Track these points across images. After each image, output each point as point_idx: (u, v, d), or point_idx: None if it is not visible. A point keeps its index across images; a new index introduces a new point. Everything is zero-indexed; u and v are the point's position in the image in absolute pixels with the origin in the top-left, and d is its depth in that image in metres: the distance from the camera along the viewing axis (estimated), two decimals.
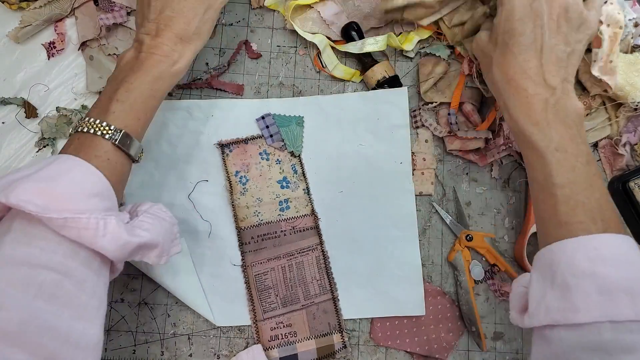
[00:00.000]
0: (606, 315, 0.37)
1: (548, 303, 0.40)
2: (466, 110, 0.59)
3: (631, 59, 0.57)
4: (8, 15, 0.61)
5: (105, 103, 0.45)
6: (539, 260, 0.43)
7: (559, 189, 0.42)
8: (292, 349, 0.55)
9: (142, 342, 0.56)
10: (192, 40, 0.49)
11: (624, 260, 0.39)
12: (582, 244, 0.40)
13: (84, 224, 0.38)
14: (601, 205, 0.42)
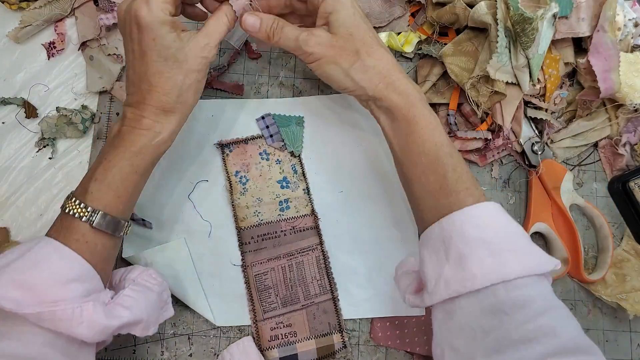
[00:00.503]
0: (499, 275, 0.39)
1: (447, 277, 0.41)
2: (465, 110, 0.59)
3: (631, 59, 0.57)
4: (8, 15, 0.61)
5: (86, 181, 0.45)
6: (428, 239, 0.44)
7: (449, 158, 0.44)
8: (292, 349, 0.55)
9: (142, 342, 0.56)
10: (176, 109, 0.46)
11: (503, 224, 0.42)
12: (467, 215, 0.42)
13: (59, 315, 0.38)
14: (470, 172, 0.45)
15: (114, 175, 0.44)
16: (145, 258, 0.55)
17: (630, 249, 0.59)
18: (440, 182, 0.44)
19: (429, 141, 0.45)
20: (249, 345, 0.54)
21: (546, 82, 0.59)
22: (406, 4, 0.62)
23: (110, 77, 0.60)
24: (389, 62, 0.47)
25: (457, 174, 0.44)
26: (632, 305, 0.56)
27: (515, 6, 0.52)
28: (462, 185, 0.43)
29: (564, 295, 0.58)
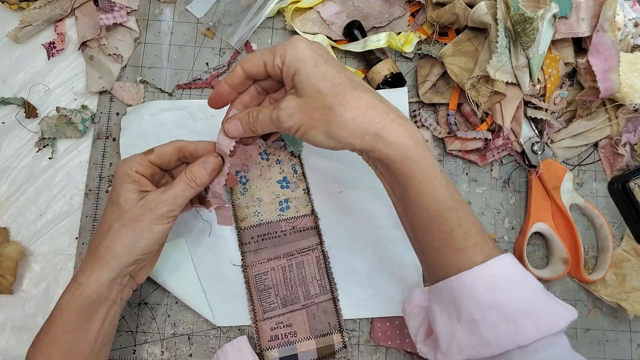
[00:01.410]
0: (514, 342, 0.37)
1: (459, 341, 0.39)
2: (465, 111, 0.59)
3: (631, 59, 0.57)
4: (8, 15, 0.61)
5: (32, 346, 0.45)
6: (438, 294, 0.42)
7: (454, 212, 0.40)
8: (292, 349, 0.55)
9: (142, 342, 0.56)
10: (105, 259, 0.44)
11: (516, 281, 0.39)
12: (478, 275, 0.39)
13: None
14: (480, 223, 0.42)
15: (42, 337, 0.44)
16: None
17: (630, 249, 0.59)
18: (446, 240, 0.40)
19: (428, 195, 0.40)
20: (243, 344, 0.54)
21: (546, 82, 0.59)
22: (406, 4, 0.62)
23: (110, 77, 0.60)
24: (370, 107, 0.40)
25: (463, 229, 0.40)
26: (632, 305, 0.56)
27: (516, 6, 0.52)
28: (470, 242, 0.40)
29: (564, 295, 0.58)
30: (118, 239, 0.44)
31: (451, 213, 0.40)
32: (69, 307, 0.44)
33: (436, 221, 0.40)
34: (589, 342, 0.58)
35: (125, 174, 0.46)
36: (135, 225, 0.44)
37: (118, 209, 0.45)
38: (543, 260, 0.60)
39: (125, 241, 0.44)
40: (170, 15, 0.62)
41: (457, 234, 0.40)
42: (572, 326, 0.58)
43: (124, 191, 0.45)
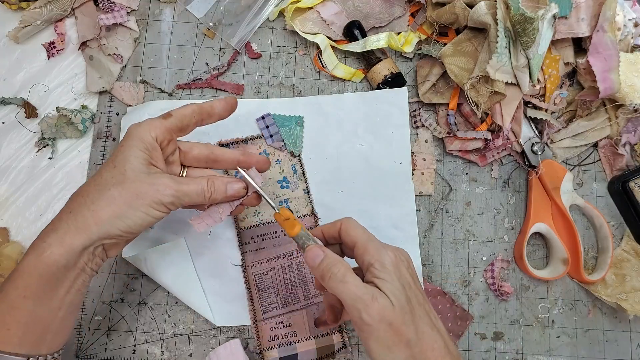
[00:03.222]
0: None
1: None
2: (465, 111, 0.59)
3: (631, 59, 0.57)
4: (8, 15, 0.61)
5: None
6: None
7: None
8: (292, 349, 0.55)
9: (142, 342, 0.56)
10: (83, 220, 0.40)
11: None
12: None
13: None
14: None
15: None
16: (145, 258, 0.55)
17: (630, 249, 0.59)
18: None
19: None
20: (236, 347, 0.54)
21: (546, 82, 0.59)
22: (406, 4, 0.62)
23: (110, 77, 0.60)
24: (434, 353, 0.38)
25: None
26: (632, 306, 0.56)
27: (516, 6, 0.52)
28: None
29: (564, 295, 0.58)
30: (109, 205, 0.40)
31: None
32: (32, 271, 0.38)
33: None
34: (589, 342, 0.58)
35: (140, 139, 0.41)
36: (135, 200, 0.40)
37: (120, 174, 0.40)
38: (543, 260, 0.60)
39: (116, 211, 0.40)
40: (170, 15, 0.62)
41: None
42: (572, 326, 0.58)
43: (134, 158, 0.41)
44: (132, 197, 0.40)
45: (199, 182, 0.43)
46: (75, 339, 0.56)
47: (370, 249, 0.41)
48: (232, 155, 0.48)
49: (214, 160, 0.47)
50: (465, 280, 0.59)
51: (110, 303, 0.57)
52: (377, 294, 0.38)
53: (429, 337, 0.39)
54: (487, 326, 0.58)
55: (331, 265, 0.40)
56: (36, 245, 0.39)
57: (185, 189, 0.42)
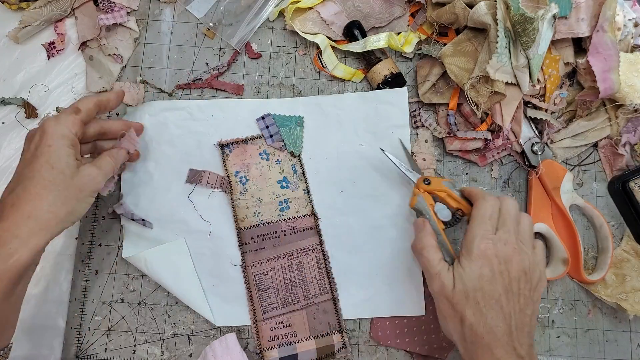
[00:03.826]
0: None
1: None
2: (465, 111, 0.59)
3: (631, 59, 0.57)
4: (8, 16, 0.61)
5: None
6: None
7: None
8: (292, 349, 0.55)
9: (142, 342, 0.56)
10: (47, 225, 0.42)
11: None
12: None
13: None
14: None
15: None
16: (145, 258, 0.55)
17: (630, 249, 0.59)
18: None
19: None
20: (232, 342, 0.54)
21: (546, 82, 0.59)
22: (406, 4, 0.62)
23: (110, 77, 0.60)
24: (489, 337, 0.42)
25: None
26: (632, 306, 0.56)
27: (516, 6, 0.52)
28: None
29: (564, 295, 0.58)
30: (65, 205, 0.44)
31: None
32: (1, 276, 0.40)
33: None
34: (589, 342, 0.58)
35: (64, 136, 0.45)
36: (79, 194, 0.45)
37: (62, 174, 0.44)
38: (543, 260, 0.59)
39: (69, 208, 0.44)
40: (170, 15, 0.62)
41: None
42: (572, 326, 0.58)
43: (66, 157, 0.44)
44: (77, 192, 0.45)
45: (108, 161, 0.49)
46: (75, 339, 0.56)
47: (471, 231, 0.46)
48: (115, 125, 0.53)
49: (104, 133, 0.52)
50: None
51: (110, 303, 0.57)
52: (444, 273, 0.46)
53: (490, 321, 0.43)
54: None
55: (422, 237, 0.49)
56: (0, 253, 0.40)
57: (105, 171, 0.48)
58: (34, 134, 0.46)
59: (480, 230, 0.46)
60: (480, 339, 0.43)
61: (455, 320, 0.45)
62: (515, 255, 0.45)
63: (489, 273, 0.44)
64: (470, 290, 0.44)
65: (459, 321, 0.44)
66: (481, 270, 0.44)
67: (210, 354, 0.54)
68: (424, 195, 0.53)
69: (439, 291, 0.45)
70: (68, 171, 0.44)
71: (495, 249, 0.45)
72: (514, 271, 0.45)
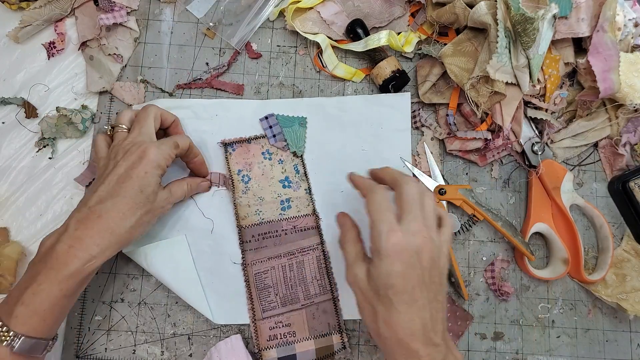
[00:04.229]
0: None
1: None
2: (465, 110, 0.59)
3: (631, 59, 0.58)
4: (8, 15, 0.61)
5: (12, 302, 0.44)
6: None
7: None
8: (290, 349, 0.55)
9: (142, 342, 0.56)
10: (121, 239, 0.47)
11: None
12: None
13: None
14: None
15: (43, 300, 0.44)
16: (146, 253, 0.54)
17: (631, 249, 0.59)
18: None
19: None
20: (237, 343, 0.54)
21: (546, 82, 0.59)
22: (406, 4, 0.62)
23: (110, 77, 0.60)
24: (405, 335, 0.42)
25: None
26: (632, 306, 0.56)
27: (516, 6, 0.52)
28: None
29: (564, 295, 0.58)
30: (140, 226, 0.48)
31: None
32: (76, 277, 0.45)
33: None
34: (589, 342, 0.58)
35: (159, 166, 0.49)
36: (152, 218, 0.50)
37: (145, 199, 0.48)
38: (543, 260, 0.60)
39: (141, 229, 0.49)
40: (170, 15, 0.62)
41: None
42: (572, 326, 0.58)
43: (154, 184, 0.49)
44: (152, 216, 0.50)
45: (183, 188, 0.54)
46: (75, 339, 0.56)
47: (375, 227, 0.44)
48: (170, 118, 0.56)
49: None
50: (466, 280, 0.59)
51: (110, 303, 0.57)
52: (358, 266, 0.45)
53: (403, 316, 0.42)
54: (487, 326, 0.58)
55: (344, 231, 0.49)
56: (80, 257, 0.45)
57: (175, 197, 0.53)
58: (131, 150, 0.48)
59: (384, 224, 0.43)
60: (395, 333, 0.42)
61: (370, 313, 0.44)
62: (425, 245, 0.43)
63: (400, 268, 0.42)
64: (381, 287, 0.42)
65: (373, 315, 0.43)
66: (392, 267, 0.42)
67: (215, 355, 0.54)
68: (438, 205, 0.55)
69: (353, 283, 0.45)
70: (152, 197, 0.49)
71: (405, 241, 0.42)
72: (425, 261, 0.43)
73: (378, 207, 0.44)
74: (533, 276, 0.57)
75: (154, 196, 0.49)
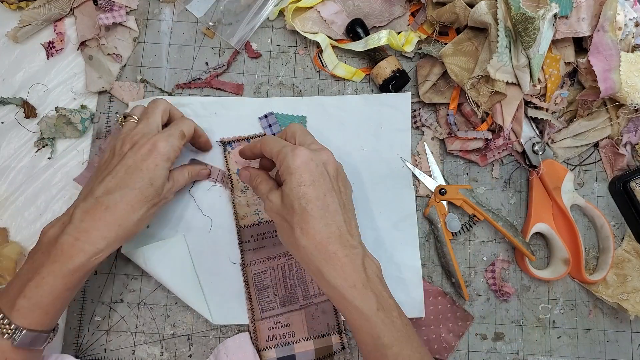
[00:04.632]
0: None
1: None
2: (465, 110, 0.59)
3: (632, 58, 0.57)
4: (7, 15, 0.61)
5: (14, 293, 0.43)
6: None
7: (388, 349, 0.42)
8: (289, 350, 0.55)
9: (142, 343, 0.56)
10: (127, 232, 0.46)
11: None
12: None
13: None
14: (422, 355, 0.44)
15: (45, 294, 0.43)
16: (144, 254, 0.54)
17: (631, 249, 0.59)
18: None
19: (364, 333, 0.43)
20: (245, 341, 0.54)
21: (547, 82, 0.59)
22: (406, 4, 0.62)
23: (110, 77, 0.60)
24: (321, 242, 0.43)
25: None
26: (633, 306, 0.56)
27: (517, 6, 0.52)
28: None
29: (565, 295, 0.58)
30: (146, 219, 0.48)
31: (386, 350, 0.42)
32: (80, 270, 0.44)
33: (373, 354, 0.43)
34: (590, 343, 0.57)
35: (169, 159, 0.49)
36: (157, 210, 0.50)
37: (154, 191, 0.48)
38: (544, 260, 0.59)
39: (146, 221, 0.49)
40: (169, 14, 0.62)
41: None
42: (572, 326, 0.58)
43: (164, 177, 0.49)
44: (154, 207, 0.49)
45: (184, 175, 0.53)
46: (75, 339, 0.56)
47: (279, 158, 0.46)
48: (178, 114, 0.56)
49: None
50: (466, 280, 0.58)
51: (110, 303, 0.56)
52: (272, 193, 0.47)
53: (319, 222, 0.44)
54: (487, 327, 0.58)
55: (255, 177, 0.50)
56: (87, 249, 0.44)
57: (178, 185, 0.52)
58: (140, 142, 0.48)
59: (286, 148, 0.46)
60: (313, 239, 0.43)
61: (287, 229, 0.45)
62: (329, 157, 0.47)
63: (309, 177, 0.44)
64: (294, 200, 0.44)
65: (290, 230, 0.45)
66: (302, 178, 0.44)
67: (222, 352, 0.54)
68: (438, 205, 0.56)
69: (270, 210, 0.47)
70: (160, 190, 0.48)
71: (310, 155, 0.45)
72: (332, 171, 0.46)
73: (274, 141, 0.48)
74: (534, 276, 0.57)
75: (161, 189, 0.48)
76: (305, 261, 0.45)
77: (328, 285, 0.44)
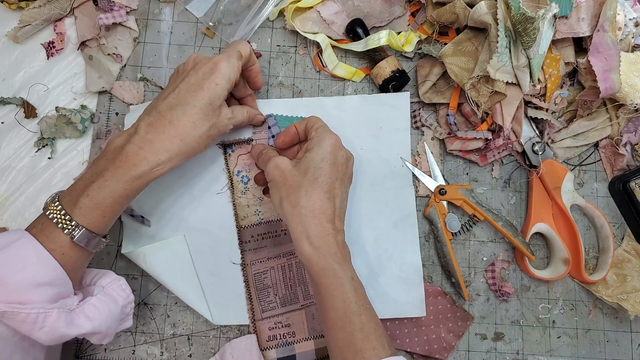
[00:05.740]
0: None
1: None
2: (465, 110, 0.59)
3: (632, 58, 0.57)
4: (7, 15, 0.61)
5: (77, 193, 0.45)
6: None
7: (357, 316, 0.44)
8: (290, 350, 0.55)
9: (142, 343, 0.56)
10: (189, 148, 0.48)
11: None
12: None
13: (22, 318, 0.40)
14: (382, 330, 0.45)
15: (107, 196, 0.45)
16: (144, 254, 0.54)
17: (631, 249, 0.59)
18: (347, 340, 0.44)
19: (336, 297, 0.45)
20: (252, 343, 0.54)
21: (547, 82, 0.59)
22: (406, 4, 0.62)
23: (110, 77, 0.60)
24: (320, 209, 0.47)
25: (364, 332, 0.44)
26: (633, 306, 0.56)
27: (517, 6, 0.52)
28: (368, 345, 0.43)
29: (564, 295, 0.58)
30: (205, 139, 0.49)
31: (355, 316, 0.44)
32: (141, 179, 0.46)
33: (342, 320, 0.44)
34: (590, 343, 0.58)
35: (229, 79, 0.49)
36: (215, 132, 0.50)
37: (213, 111, 0.48)
38: (544, 260, 0.59)
39: (204, 142, 0.49)
40: (169, 14, 0.62)
41: (358, 336, 0.44)
42: (572, 326, 0.58)
43: (223, 97, 0.49)
44: (215, 131, 0.50)
45: (244, 112, 0.54)
46: (74, 339, 0.55)
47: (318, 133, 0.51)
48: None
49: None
50: (466, 280, 0.58)
51: None
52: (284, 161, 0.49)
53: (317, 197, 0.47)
54: (487, 326, 0.58)
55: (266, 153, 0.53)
56: (150, 159, 0.46)
57: (236, 120, 0.52)
58: (203, 62, 0.49)
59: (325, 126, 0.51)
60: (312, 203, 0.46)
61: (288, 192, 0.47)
62: (352, 156, 0.52)
63: (332, 158, 0.49)
64: (311, 167, 0.48)
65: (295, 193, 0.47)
66: (327, 154, 0.48)
67: (228, 352, 0.54)
68: (438, 205, 0.57)
69: (274, 168, 0.49)
70: (218, 110, 0.49)
71: (341, 143, 0.50)
72: (350, 168, 0.52)
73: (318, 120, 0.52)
74: (533, 276, 0.57)
75: (220, 110, 0.49)
76: (297, 220, 0.47)
77: (311, 247, 0.46)
